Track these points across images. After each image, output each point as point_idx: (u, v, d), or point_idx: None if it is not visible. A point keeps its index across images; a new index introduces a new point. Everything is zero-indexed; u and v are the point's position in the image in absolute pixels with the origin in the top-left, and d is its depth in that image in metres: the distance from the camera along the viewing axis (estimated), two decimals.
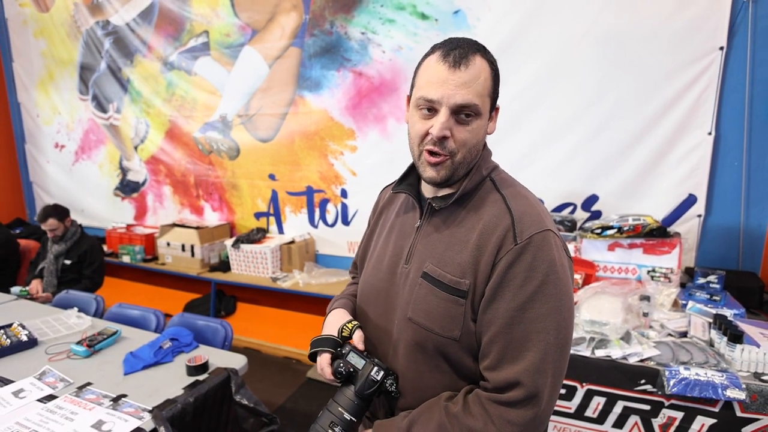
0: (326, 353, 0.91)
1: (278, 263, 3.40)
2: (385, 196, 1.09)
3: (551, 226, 0.82)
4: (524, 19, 2.51)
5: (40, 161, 4.69)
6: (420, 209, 0.93)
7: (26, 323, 1.93)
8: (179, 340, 1.76)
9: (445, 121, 0.78)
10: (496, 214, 0.82)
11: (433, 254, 0.86)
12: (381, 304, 0.94)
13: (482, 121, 0.82)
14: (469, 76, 0.77)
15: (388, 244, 0.96)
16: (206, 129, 3.68)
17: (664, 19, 2.21)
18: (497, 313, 0.78)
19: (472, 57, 0.79)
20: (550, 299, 0.76)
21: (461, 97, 0.77)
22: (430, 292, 0.84)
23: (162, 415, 1.32)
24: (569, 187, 2.58)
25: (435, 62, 0.80)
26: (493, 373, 0.78)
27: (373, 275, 0.98)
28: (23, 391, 1.46)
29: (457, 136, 0.80)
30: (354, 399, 0.85)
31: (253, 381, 2.73)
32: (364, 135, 3.11)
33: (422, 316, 0.84)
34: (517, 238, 0.78)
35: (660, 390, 1.47)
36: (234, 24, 3.39)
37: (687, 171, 2.31)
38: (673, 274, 1.98)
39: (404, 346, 0.87)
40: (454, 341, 0.82)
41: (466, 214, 0.86)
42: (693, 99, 2.23)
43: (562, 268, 0.80)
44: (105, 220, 4.39)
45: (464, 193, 0.86)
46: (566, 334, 0.79)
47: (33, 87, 4.50)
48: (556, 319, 0.77)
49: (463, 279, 0.81)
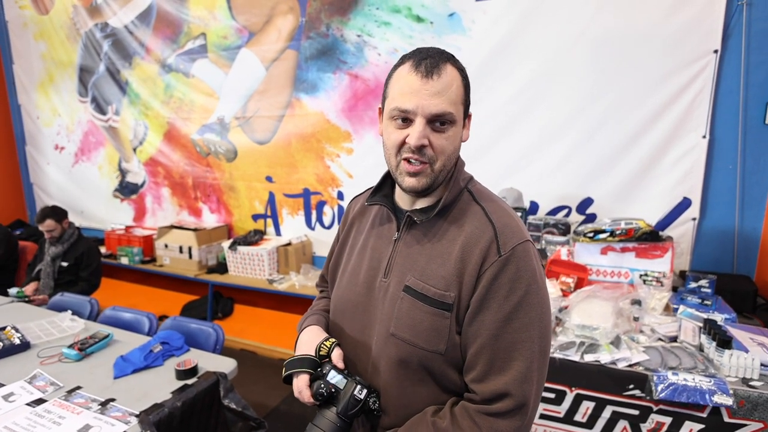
0: (304, 374, 0.87)
1: (275, 265, 3.41)
2: (355, 207, 1.05)
3: (528, 236, 0.83)
4: (519, 21, 2.51)
5: (41, 163, 4.72)
6: (397, 221, 0.91)
7: (20, 326, 1.94)
8: (170, 344, 1.76)
9: (422, 130, 0.77)
10: (478, 226, 0.82)
11: (415, 267, 0.85)
12: (358, 319, 0.91)
13: (457, 128, 0.82)
14: (441, 85, 0.77)
15: (363, 258, 0.94)
16: (204, 131, 3.69)
17: (659, 22, 2.20)
18: (483, 324, 0.78)
19: (443, 66, 0.78)
20: (533, 308, 0.77)
21: (435, 107, 0.77)
22: (413, 306, 0.83)
23: (149, 420, 1.33)
24: (564, 190, 2.58)
25: (407, 72, 0.79)
26: (481, 385, 0.78)
27: (349, 289, 0.95)
28: (13, 394, 1.47)
29: (435, 144, 0.79)
30: (336, 421, 0.81)
31: (248, 383, 2.74)
32: (360, 137, 3.12)
33: (406, 330, 0.82)
34: (501, 250, 0.78)
35: (648, 395, 1.46)
36: (231, 26, 3.40)
37: (681, 174, 2.30)
38: (665, 278, 1.97)
39: (386, 363, 0.85)
40: (439, 355, 0.81)
41: (447, 226, 0.85)
42: (687, 102, 2.22)
43: (542, 278, 0.81)
44: (104, 221, 4.42)
45: (444, 206, 0.85)
46: (547, 341, 0.80)
47: (33, 89, 4.53)
48: (539, 327, 0.78)
49: (447, 292, 0.80)
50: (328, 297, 1.10)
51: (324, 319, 1.02)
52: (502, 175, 2.68)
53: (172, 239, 3.67)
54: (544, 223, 2.38)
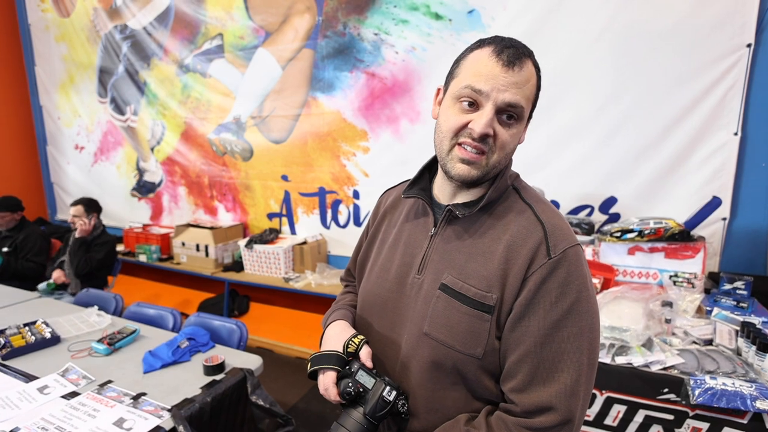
0: (331, 371, 0.83)
1: (290, 264, 3.41)
2: (387, 201, 1.01)
3: (578, 241, 0.78)
4: (540, 17, 2.47)
5: (61, 162, 4.78)
6: (434, 216, 0.87)
7: (49, 321, 1.97)
8: (196, 340, 1.76)
9: (491, 118, 0.73)
10: (526, 226, 0.78)
11: (453, 265, 0.80)
12: (387, 317, 0.88)
13: (521, 126, 0.78)
14: (520, 77, 0.73)
15: (395, 252, 0.90)
16: (220, 130, 3.71)
17: (686, 16, 2.15)
18: (528, 330, 0.73)
19: (525, 59, 0.74)
20: (584, 317, 0.73)
21: (511, 95, 0.73)
22: (450, 305, 0.78)
23: (181, 414, 1.33)
24: (586, 189, 2.54)
25: (487, 56, 0.74)
26: (522, 396, 0.73)
27: (378, 285, 0.91)
28: (47, 387, 1.49)
29: (499, 137, 0.75)
30: (363, 422, 0.78)
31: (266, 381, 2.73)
32: (376, 136, 3.10)
33: (442, 331, 0.78)
34: (551, 252, 0.74)
35: (684, 399, 1.42)
36: (248, 26, 3.41)
37: (711, 172, 2.24)
38: (696, 279, 1.92)
39: (418, 363, 0.81)
40: (475, 359, 0.77)
41: (491, 222, 0.81)
42: (718, 98, 2.17)
43: (592, 285, 0.77)
44: (123, 219, 4.46)
45: (489, 201, 0.81)
46: (596, 353, 0.75)
47: (54, 90, 4.60)
48: (589, 339, 0.73)
49: (489, 293, 0.76)
50: (354, 292, 1.07)
51: (351, 314, 0.98)
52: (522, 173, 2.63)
53: (189, 237, 3.69)
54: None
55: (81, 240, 2.92)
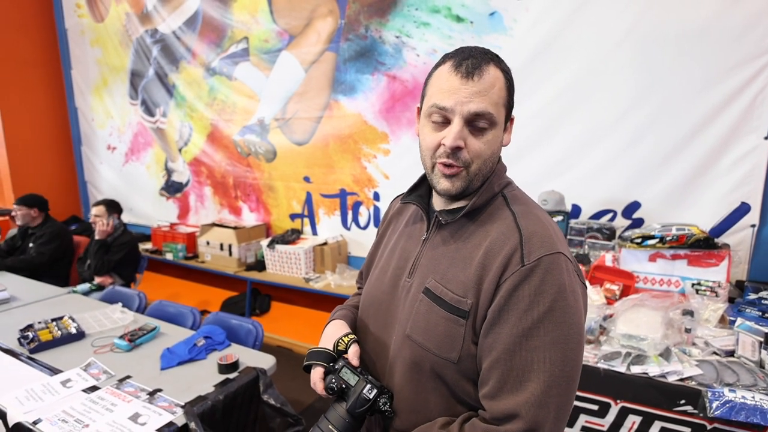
0: (319, 367, 0.89)
1: (311, 264, 3.45)
2: (395, 207, 1.06)
3: (563, 249, 0.76)
4: (563, 19, 2.43)
5: (94, 162, 4.99)
6: (428, 222, 0.89)
7: (75, 316, 2.06)
8: (213, 338, 1.82)
9: (458, 131, 0.75)
10: (504, 232, 0.78)
11: (437, 270, 0.83)
12: (381, 318, 0.91)
13: (497, 131, 0.79)
14: (482, 86, 0.74)
15: (393, 256, 0.93)
16: (245, 132, 3.79)
17: (715, 17, 2.08)
18: (499, 337, 0.73)
19: (485, 67, 0.75)
20: (558, 327, 0.71)
21: (475, 105, 0.74)
22: (430, 309, 0.80)
23: (193, 411, 1.37)
24: (609, 193, 2.48)
25: (447, 72, 0.76)
26: (492, 402, 0.73)
27: (376, 287, 0.95)
28: (70, 381, 1.56)
29: (471, 147, 0.76)
30: (345, 417, 0.82)
31: (285, 379, 2.78)
32: (397, 138, 3.11)
33: (420, 334, 0.81)
34: (525, 259, 0.73)
35: (702, 412, 1.38)
36: (272, 30, 3.47)
37: (739, 177, 2.16)
38: (720, 288, 1.86)
39: (401, 364, 0.84)
40: (451, 363, 0.77)
41: (474, 229, 0.82)
42: (748, 101, 2.08)
43: (573, 295, 0.73)
44: (151, 218, 4.62)
45: (473, 208, 0.82)
46: (573, 367, 0.72)
47: (89, 93, 4.80)
48: (562, 350, 0.71)
49: (464, 298, 0.77)
50: None
51: (351, 315, 1.03)
52: (543, 178, 2.60)
53: (214, 237, 3.79)
54: (587, 228, 2.30)
55: (101, 242, 3.03)
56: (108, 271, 3.02)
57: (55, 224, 3.37)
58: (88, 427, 1.31)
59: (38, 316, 2.11)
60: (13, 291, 2.50)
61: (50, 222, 3.37)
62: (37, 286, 2.68)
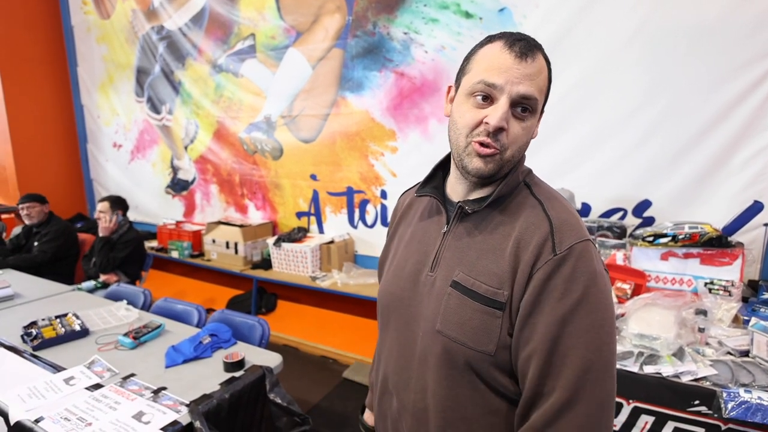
0: None
1: (318, 263, 3.44)
2: (404, 202, 1.03)
3: (589, 236, 0.77)
4: (573, 15, 2.40)
5: (100, 160, 5.00)
6: (447, 214, 0.87)
7: (80, 313, 2.05)
8: (218, 336, 1.80)
9: (506, 110, 0.73)
10: (534, 222, 0.77)
11: (464, 262, 0.81)
12: (403, 314, 0.89)
13: (535, 120, 0.78)
14: (533, 69, 0.74)
15: (410, 250, 0.91)
16: (251, 129, 3.78)
17: (725, 14, 2.05)
18: (536, 328, 0.73)
19: (536, 52, 0.75)
20: (592, 313, 0.71)
21: (524, 87, 0.73)
22: (462, 303, 0.79)
23: (198, 410, 1.36)
24: (619, 192, 2.45)
25: (499, 50, 0.75)
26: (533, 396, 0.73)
27: (394, 283, 0.92)
28: (73, 378, 1.54)
29: (511, 131, 0.75)
30: None
31: (290, 378, 2.78)
32: (404, 136, 3.09)
33: (453, 328, 0.79)
34: (557, 248, 0.73)
35: (716, 413, 1.35)
36: (279, 26, 3.46)
37: (752, 176, 2.13)
38: (733, 287, 1.82)
39: (433, 360, 0.82)
40: (488, 356, 0.76)
41: (500, 219, 0.80)
42: (761, 98, 2.05)
43: (603, 280, 0.74)
44: (157, 216, 4.62)
45: (499, 197, 0.81)
46: (610, 351, 0.73)
47: (95, 90, 4.80)
48: (599, 334, 0.71)
49: (500, 290, 0.76)
50: None
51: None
52: (553, 176, 2.57)
53: (220, 235, 3.78)
54: (597, 226, 2.27)
55: (105, 239, 3.03)
56: (113, 268, 3.02)
57: (60, 222, 3.38)
58: (91, 425, 1.29)
59: (42, 313, 2.09)
60: (17, 288, 2.49)
61: (55, 220, 3.37)
62: (41, 283, 2.67)
